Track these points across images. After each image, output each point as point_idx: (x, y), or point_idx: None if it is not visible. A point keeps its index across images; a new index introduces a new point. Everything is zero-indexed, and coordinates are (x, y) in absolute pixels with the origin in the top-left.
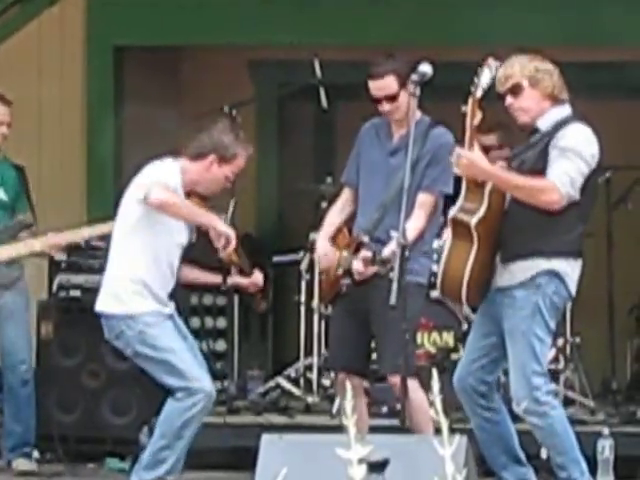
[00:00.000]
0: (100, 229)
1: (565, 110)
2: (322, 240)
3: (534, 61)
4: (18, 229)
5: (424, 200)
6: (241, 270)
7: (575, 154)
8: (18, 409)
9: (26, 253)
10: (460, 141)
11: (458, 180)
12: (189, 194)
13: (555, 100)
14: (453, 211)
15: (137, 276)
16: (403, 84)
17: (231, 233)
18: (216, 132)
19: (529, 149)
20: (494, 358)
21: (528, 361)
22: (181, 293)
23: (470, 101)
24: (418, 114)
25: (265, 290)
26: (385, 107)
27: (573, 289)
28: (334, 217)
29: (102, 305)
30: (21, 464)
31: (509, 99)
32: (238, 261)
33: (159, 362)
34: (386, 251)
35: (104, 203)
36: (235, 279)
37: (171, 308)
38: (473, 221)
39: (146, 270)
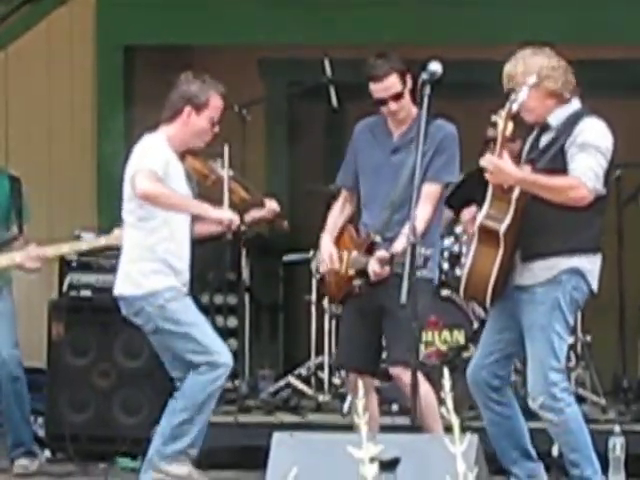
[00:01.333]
0: (84, 244)
1: (575, 105)
2: (326, 242)
3: (538, 58)
4: (7, 242)
5: (430, 190)
6: (252, 204)
7: (595, 149)
8: (8, 407)
9: (6, 265)
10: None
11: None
12: (182, 156)
13: (560, 98)
14: (480, 218)
15: (154, 255)
16: (404, 82)
17: (226, 215)
18: (182, 85)
19: (546, 148)
20: (508, 353)
21: (546, 357)
22: (192, 293)
23: (504, 114)
24: (415, 110)
25: (282, 211)
26: (392, 107)
27: (594, 285)
28: (336, 218)
29: (121, 288)
30: (18, 464)
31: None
32: (249, 198)
33: (182, 336)
34: (397, 246)
35: (114, 203)
36: (252, 214)
37: (186, 286)
38: (502, 228)
39: (162, 246)
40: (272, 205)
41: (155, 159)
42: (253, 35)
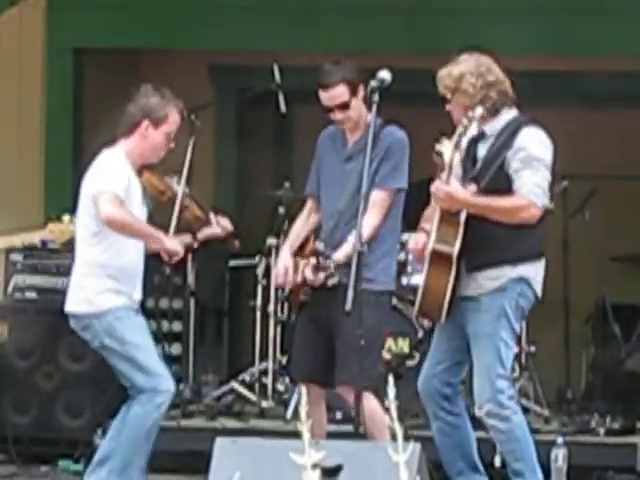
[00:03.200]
0: (17, 239)
1: (512, 112)
2: (283, 254)
3: (468, 67)
4: None
5: (377, 197)
6: (204, 222)
7: (539, 162)
8: None
9: None
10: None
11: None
12: (140, 170)
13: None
14: (431, 243)
15: (106, 272)
16: (354, 92)
17: (178, 248)
18: (142, 99)
19: (487, 163)
20: (458, 360)
21: (493, 364)
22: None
23: (452, 146)
24: (369, 116)
25: (234, 230)
26: (337, 116)
27: (539, 290)
28: (299, 228)
29: (72, 305)
30: None
31: (447, 105)
32: (202, 215)
33: (125, 357)
34: (338, 254)
35: (61, 208)
36: (204, 232)
37: (138, 303)
38: (455, 252)
39: (114, 263)
40: (225, 223)
41: (118, 181)
42: (203, 40)
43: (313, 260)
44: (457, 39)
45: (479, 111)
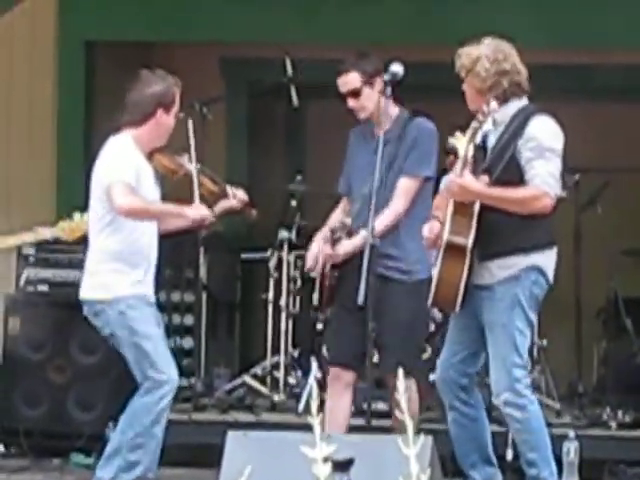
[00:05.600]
0: (28, 237)
1: (522, 101)
2: (315, 242)
3: (486, 51)
4: None
5: (404, 184)
6: (220, 196)
7: (551, 152)
8: None
9: None
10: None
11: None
12: (150, 154)
13: (481, 96)
14: (446, 235)
15: (119, 259)
16: (369, 82)
17: (203, 212)
18: (146, 87)
19: (498, 153)
20: (474, 351)
21: (509, 353)
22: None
23: (467, 140)
24: (396, 110)
25: (251, 200)
26: (350, 103)
27: (551, 277)
28: (333, 220)
29: (84, 291)
30: None
31: (464, 86)
32: (217, 189)
33: (133, 346)
34: (346, 245)
35: (74, 200)
36: (221, 205)
37: (152, 294)
38: (469, 244)
39: (129, 250)
40: (240, 195)
41: (127, 169)
42: (215, 33)
43: (337, 236)
44: (471, 30)
45: (494, 105)
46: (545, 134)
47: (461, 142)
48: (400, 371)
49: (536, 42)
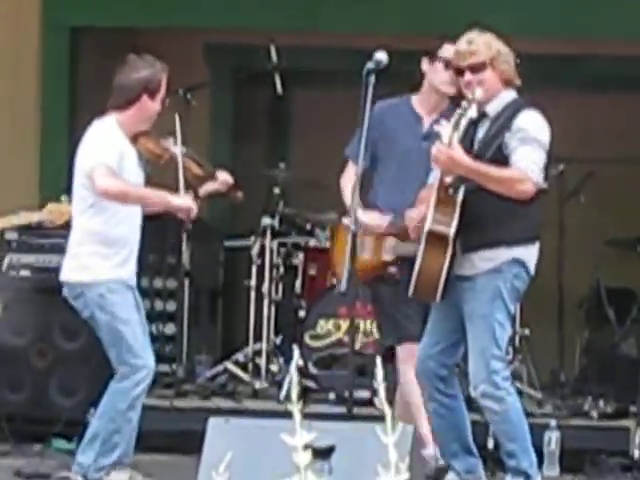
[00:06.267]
0: (15, 219)
1: (511, 94)
2: (364, 212)
3: (495, 42)
4: None
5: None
6: (205, 178)
7: (537, 143)
8: None
9: None
10: None
11: None
12: (134, 138)
13: (508, 85)
14: (428, 223)
15: (101, 241)
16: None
17: (187, 202)
18: (133, 72)
19: (488, 141)
20: (454, 341)
21: (488, 345)
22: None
23: (450, 127)
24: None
25: (236, 183)
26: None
27: (533, 270)
28: (348, 185)
29: (65, 273)
30: None
31: (469, 75)
32: (202, 172)
33: (112, 330)
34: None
35: (57, 184)
36: (205, 187)
37: (133, 278)
38: (451, 233)
39: (112, 233)
40: (224, 177)
41: (110, 152)
42: (199, 19)
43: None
44: (457, 20)
45: (478, 93)
46: (533, 126)
47: (445, 129)
48: (379, 360)
49: (520, 31)
